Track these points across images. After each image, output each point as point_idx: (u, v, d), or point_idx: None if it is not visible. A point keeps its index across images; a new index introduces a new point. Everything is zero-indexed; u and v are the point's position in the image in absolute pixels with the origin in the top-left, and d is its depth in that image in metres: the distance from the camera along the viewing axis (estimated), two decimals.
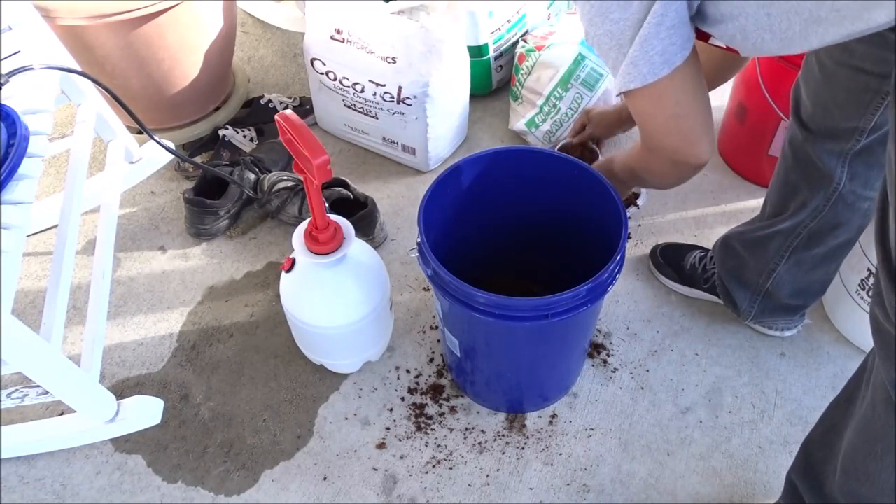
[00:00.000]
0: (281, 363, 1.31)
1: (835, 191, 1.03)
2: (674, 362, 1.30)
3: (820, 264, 1.15)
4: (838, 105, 0.95)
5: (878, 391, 0.76)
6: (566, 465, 1.17)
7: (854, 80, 0.91)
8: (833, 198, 1.04)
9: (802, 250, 1.12)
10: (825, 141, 1.00)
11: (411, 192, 1.60)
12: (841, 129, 0.97)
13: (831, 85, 0.95)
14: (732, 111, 1.57)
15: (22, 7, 1.23)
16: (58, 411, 1.25)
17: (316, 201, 1.01)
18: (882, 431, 0.76)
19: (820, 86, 0.97)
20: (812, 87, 0.98)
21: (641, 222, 1.52)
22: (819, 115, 0.99)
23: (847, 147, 0.98)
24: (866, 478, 0.81)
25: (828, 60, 0.93)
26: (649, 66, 0.85)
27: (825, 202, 1.05)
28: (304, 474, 1.17)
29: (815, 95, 0.98)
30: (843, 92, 0.93)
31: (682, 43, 0.84)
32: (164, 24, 1.44)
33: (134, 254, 1.49)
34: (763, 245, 1.16)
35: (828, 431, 0.90)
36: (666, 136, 0.96)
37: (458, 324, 1.09)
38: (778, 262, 1.15)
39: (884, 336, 0.71)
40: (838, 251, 1.13)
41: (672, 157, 0.98)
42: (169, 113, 1.65)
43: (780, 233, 1.12)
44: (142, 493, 1.16)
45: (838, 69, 0.92)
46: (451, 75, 1.50)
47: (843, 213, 1.06)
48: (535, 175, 1.14)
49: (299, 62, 1.92)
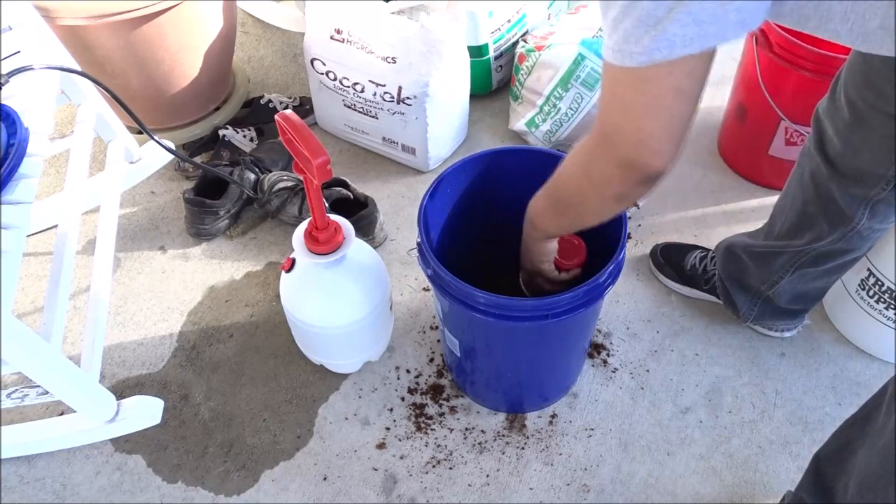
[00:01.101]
0: (281, 363, 1.31)
1: (853, 229, 1.02)
2: (674, 362, 1.30)
3: (822, 276, 1.16)
4: (870, 149, 0.92)
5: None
6: (566, 465, 1.17)
7: (886, 126, 0.88)
8: (850, 234, 1.03)
9: (808, 267, 1.12)
10: (850, 184, 0.97)
11: (411, 192, 1.60)
12: (869, 174, 0.95)
13: (863, 128, 0.92)
14: (732, 111, 1.57)
15: (22, 7, 1.23)
16: (58, 411, 1.25)
17: (316, 201, 1.01)
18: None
19: (850, 128, 0.94)
20: (841, 127, 0.95)
21: (641, 222, 1.52)
22: (848, 156, 0.96)
23: (872, 193, 0.96)
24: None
25: (860, 102, 0.90)
26: (717, 26, 0.61)
27: (841, 236, 1.04)
28: (304, 474, 1.17)
29: (845, 137, 0.95)
30: (876, 137, 0.90)
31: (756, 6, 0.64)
32: (164, 24, 1.44)
33: (134, 254, 1.49)
34: (769, 259, 1.16)
35: (842, 448, 0.89)
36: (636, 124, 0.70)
37: (458, 324, 1.09)
38: (782, 276, 1.15)
39: None
40: (843, 267, 1.14)
41: (625, 156, 0.73)
42: (169, 113, 1.65)
43: (789, 253, 1.12)
44: (142, 493, 1.16)
45: (871, 113, 0.89)
46: (451, 75, 1.50)
47: (856, 242, 1.05)
48: (535, 175, 1.14)
49: (299, 62, 1.92)
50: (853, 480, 0.84)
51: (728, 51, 1.72)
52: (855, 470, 0.84)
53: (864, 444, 0.83)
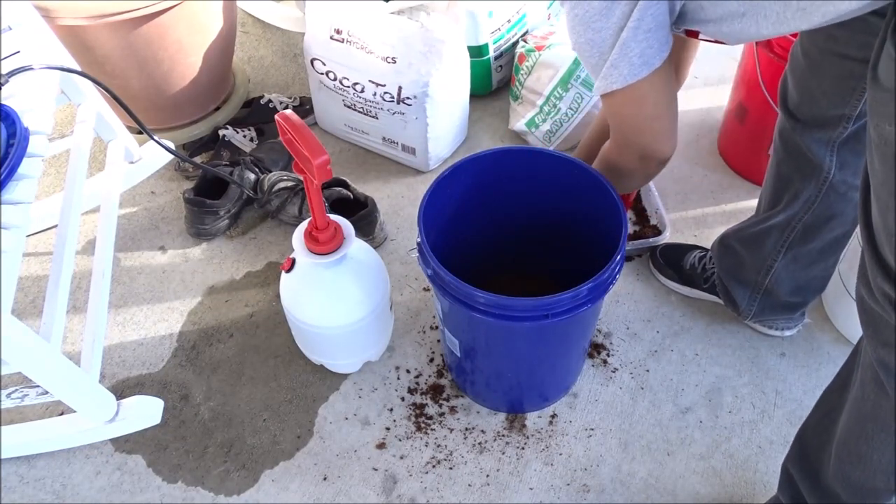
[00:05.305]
0: (281, 363, 1.31)
1: (825, 180, 1.04)
2: (674, 362, 1.30)
3: (817, 259, 1.15)
4: (824, 93, 0.96)
5: (866, 371, 0.77)
6: (566, 465, 1.17)
7: (839, 66, 0.92)
8: (824, 188, 1.04)
9: (799, 245, 1.13)
10: (813, 130, 1.01)
11: (411, 192, 1.60)
12: (828, 117, 0.98)
13: (816, 73, 0.95)
14: (732, 111, 1.57)
15: (22, 7, 1.23)
16: (58, 411, 1.25)
17: (316, 201, 1.01)
18: (872, 411, 0.77)
19: (805, 74, 0.97)
20: (798, 76, 0.99)
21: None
22: (806, 103, 1.00)
23: (834, 135, 0.99)
24: (858, 460, 0.81)
25: (812, 48, 0.94)
26: (629, 68, 0.88)
27: (817, 192, 1.05)
28: (304, 474, 1.17)
29: (801, 84, 0.99)
30: (829, 79, 0.94)
31: (659, 46, 0.87)
32: (164, 24, 1.44)
33: (134, 254, 1.49)
34: (759, 241, 1.16)
35: (823, 418, 0.91)
36: (639, 136, 1.00)
37: (458, 324, 1.09)
38: (775, 258, 1.16)
39: (869, 315, 0.72)
40: (835, 245, 1.13)
41: (641, 153, 1.01)
42: (169, 113, 1.65)
43: (775, 227, 1.13)
44: (142, 493, 1.16)
45: (823, 57, 0.93)
46: (451, 75, 1.50)
47: (835, 203, 1.06)
48: (535, 175, 1.14)
49: (299, 62, 1.92)
50: (834, 447, 0.85)
51: (728, 51, 1.72)
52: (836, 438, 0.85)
53: (843, 410, 0.84)
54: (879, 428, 0.77)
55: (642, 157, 1.02)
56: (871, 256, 0.69)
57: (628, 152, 1.03)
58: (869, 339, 0.74)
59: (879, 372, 0.73)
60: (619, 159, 1.06)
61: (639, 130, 0.99)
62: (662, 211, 1.44)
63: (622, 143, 1.04)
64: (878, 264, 0.68)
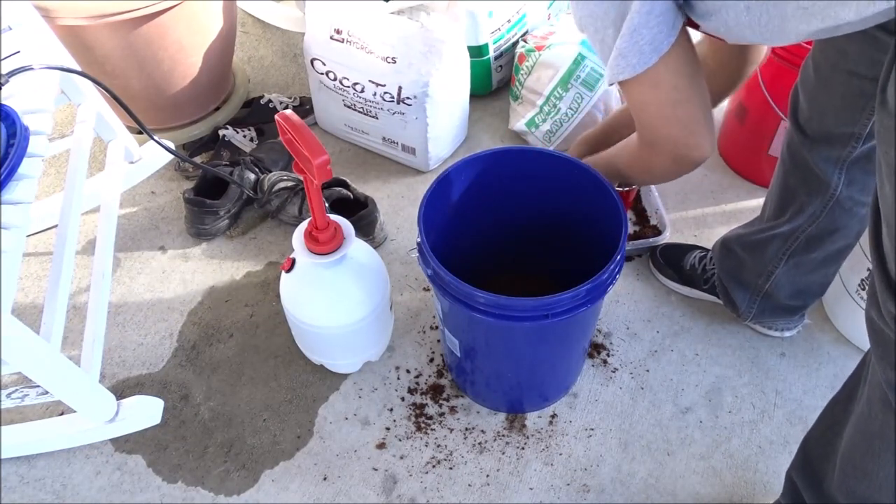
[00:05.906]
0: (281, 363, 1.31)
1: (832, 197, 1.03)
2: (674, 362, 1.30)
3: (819, 268, 1.15)
4: (834, 110, 0.94)
5: (874, 390, 0.76)
6: (566, 465, 1.17)
7: (848, 84, 0.90)
8: (830, 203, 1.03)
9: (801, 254, 1.12)
10: (821, 146, 0.99)
11: (411, 192, 1.60)
12: (837, 135, 0.96)
13: (826, 89, 0.94)
14: (732, 111, 1.57)
15: (22, 7, 1.23)
16: (58, 411, 1.25)
17: (316, 201, 1.01)
18: (879, 430, 0.77)
19: (816, 90, 0.96)
20: (808, 90, 0.98)
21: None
22: (815, 119, 0.98)
23: (843, 154, 0.97)
24: (864, 475, 0.81)
25: (823, 64, 0.93)
26: (639, 56, 0.85)
27: (822, 207, 1.04)
28: (304, 474, 1.17)
29: (812, 99, 0.97)
30: (838, 96, 0.93)
31: (667, 30, 0.84)
32: (164, 24, 1.44)
33: (134, 254, 1.49)
34: (762, 248, 1.16)
35: (827, 430, 0.90)
36: (665, 126, 0.93)
37: (458, 324, 1.09)
38: (776, 264, 1.15)
39: (878, 336, 0.71)
40: (837, 256, 1.13)
41: (673, 152, 0.95)
42: (169, 113, 1.65)
43: (778, 236, 1.12)
44: (142, 493, 1.16)
45: (833, 73, 0.91)
46: (451, 75, 1.50)
47: (840, 218, 1.05)
48: (535, 175, 1.14)
49: (299, 62, 1.92)
50: (838, 459, 0.85)
51: None
52: (840, 450, 0.85)
53: (848, 422, 0.84)
54: (886, 447, 0.76)
55: (675, 156, 0.95)
56: (881, 280, 0.68)
57: (659, 150, 0.96)
58: (878, 359, 0.73)
59: (888, 393, 0.72)
60: (651, 161, 1.00)
61: (664, 119, 0.92)
62: (662, 211, 1.44)
63: (650, 138, 0.97)
64: (888, 288, 0.67)
